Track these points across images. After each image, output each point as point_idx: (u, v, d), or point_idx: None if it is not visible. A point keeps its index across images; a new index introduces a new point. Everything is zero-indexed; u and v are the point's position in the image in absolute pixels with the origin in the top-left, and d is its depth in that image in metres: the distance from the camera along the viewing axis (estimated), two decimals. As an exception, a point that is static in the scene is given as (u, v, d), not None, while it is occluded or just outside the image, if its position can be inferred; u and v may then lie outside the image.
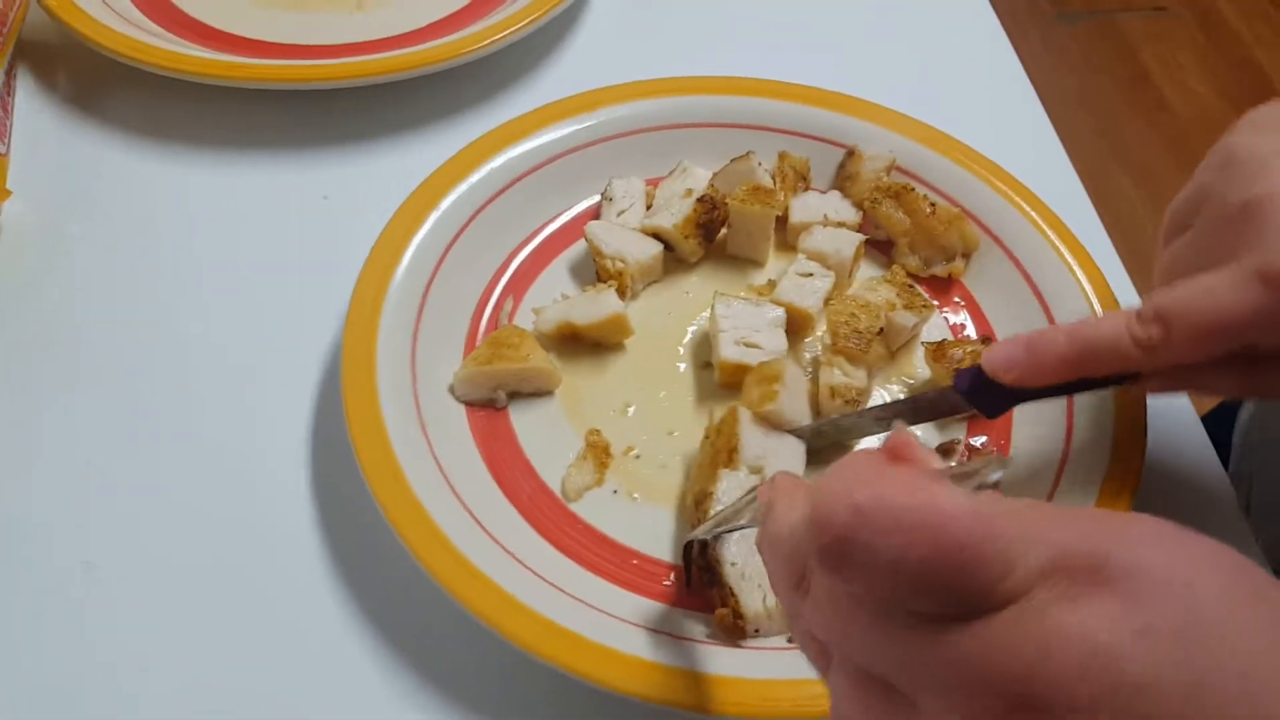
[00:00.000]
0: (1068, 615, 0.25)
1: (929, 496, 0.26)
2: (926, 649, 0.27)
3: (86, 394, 0.59)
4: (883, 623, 0.28)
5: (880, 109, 0.71)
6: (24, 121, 0.75)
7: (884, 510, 0.26)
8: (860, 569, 0.27)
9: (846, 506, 0.27)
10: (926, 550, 0.26)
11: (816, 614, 0.31)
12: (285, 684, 0.49)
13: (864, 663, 0.29)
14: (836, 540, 0.27)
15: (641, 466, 0.57)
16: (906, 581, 0.26)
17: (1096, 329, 0.46)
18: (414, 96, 0.77)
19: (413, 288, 0.60)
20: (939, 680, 0.27)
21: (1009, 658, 0.25)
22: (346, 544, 0.54)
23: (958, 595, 0.26)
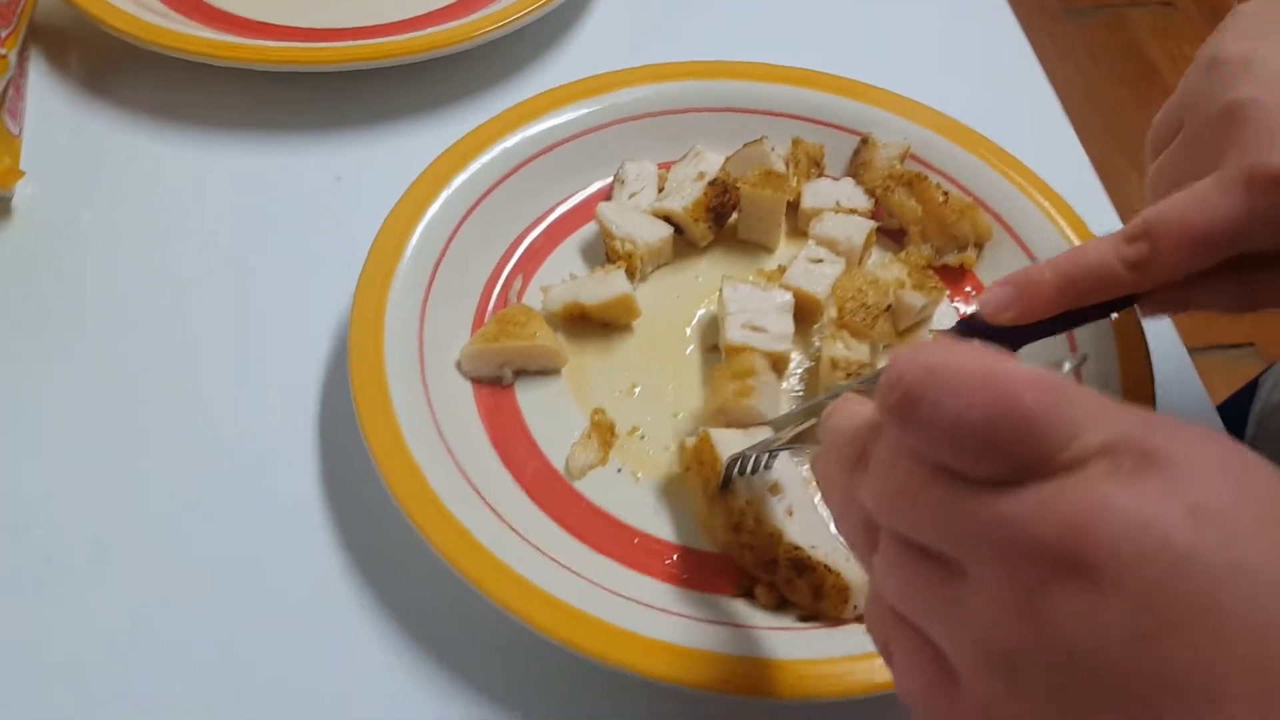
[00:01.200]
0: (1120, 488, 0.25)
1: (999, 362, 0.27)
2: (979, 511, 0.27)
3: (99, 373, 0.60)
4: (940, 484, 0.28)
5: (895, 96, 0.70)
6: (37, 103, 0.75)
7: (954, 370, 0.27)
8: (926, 425, 0.27)
9: (918, 364, 0.27)
10: (992, 411, 0.26)
11: (873, 483, 0.31)
12: (289, 655, 0.50)
13: (915, 531, 0.29)
14: (906, 395, 0.27)
15: (646, 447, 0.57)
16: (969, 440, 0.27)
17: (1083, 255, 0.45)
18: (427, 79, 0.77)
19: (422, 264, 0.60)
20: (988, 543, 0.27)
21: (1058, 522, 0.26)
22: (352, 517, 0.54)
23: (1017, 459, 0.26)
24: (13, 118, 0.69)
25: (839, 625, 0.49)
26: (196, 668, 0.49)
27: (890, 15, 0.88)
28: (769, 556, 0.49)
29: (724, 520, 0.51)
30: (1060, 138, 0.77)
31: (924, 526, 0.29)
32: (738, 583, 0.51)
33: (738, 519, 0.50)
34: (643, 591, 0.50)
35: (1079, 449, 0.26)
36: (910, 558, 0.30)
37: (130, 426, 0.57)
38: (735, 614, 0.49)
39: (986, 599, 0.27)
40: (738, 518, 0.50)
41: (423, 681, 0.49)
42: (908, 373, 0.27)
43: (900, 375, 0.27)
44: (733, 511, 0.50)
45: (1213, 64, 0.46)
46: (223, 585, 0.52)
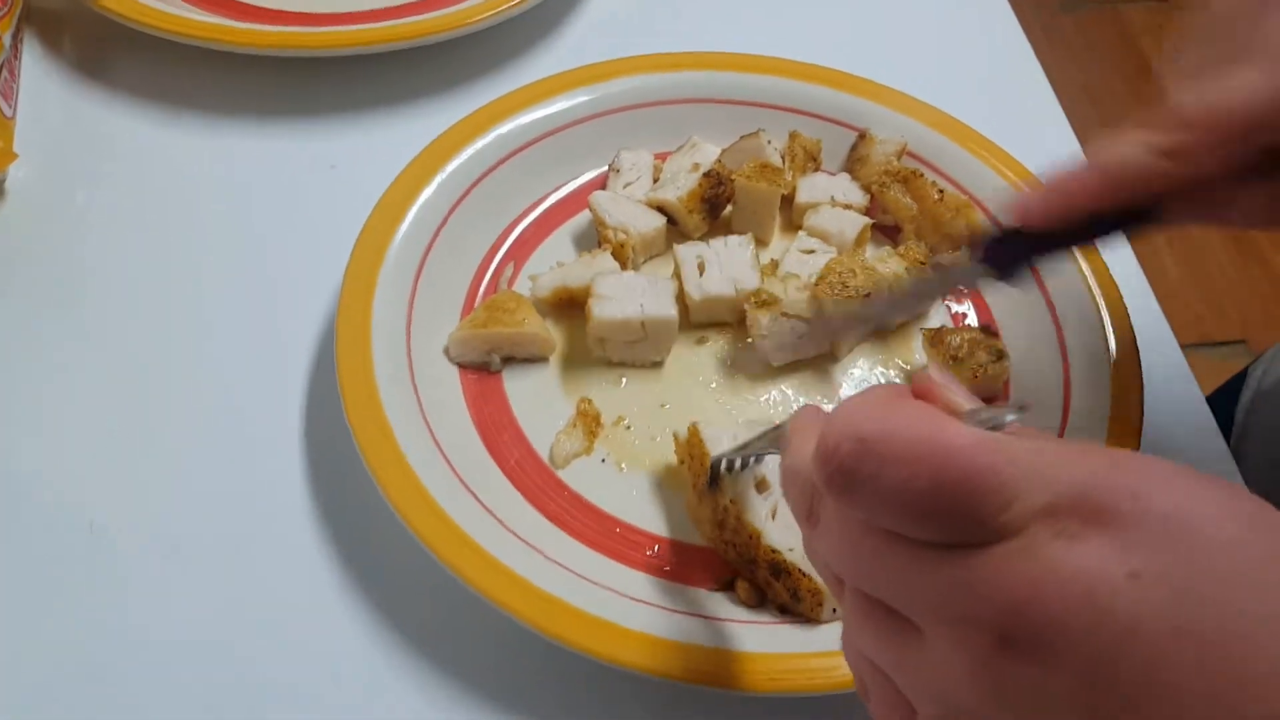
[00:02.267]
0: (1063, 553, 0.25)
1: (936, 429, 0.26)
2: (927, 576, 0.27)
3: (92, 356, 0.59)
4: (887, 550, 0.28)
5: (893, 92, 0.70)
6: (30, 86, 0.74)
7: (888, 441, 0.27)
8: (863, 497, 0.27)
9: (851, 436, 0.27)
10: (928, 482, 0.26)
11: (826, 542, 0.31)
12: (273, 637, 0.50)
13: (871, 589, 0.29)
14: (839, 470, 0.27)
15: (631, 437, 0.56)
16: (908, 511, 0.27)
17: (1118, 149, 0.42)
18: (423, 65, 0.76)
19: (413, 249, 0.60)
20: (938, 608, 0.27)
21: (1001, 591, 0.25)
22: (337, 500, 0.54)
23: (957, 526, 0.26)
24: (6, 100, 0.69)
25: (828, 622, 0.48)
26: (184, 649, 0.49)
27: (889, 9, 0.87)
28: (749, 555, 0.49)
29: (709, 516, 0.51)
30: (1058, 135, 0.77)
31: (880, 588, 0.29)
32: (718, 577, 0.51)
33: (721, 516, 0.50)
34: (623, 582, 0.50)
35: (1021, 511, 0.26)
36: (873, 612, 0.30)
37: (123, 408, 0.57)
38: (715, 608, 0.49)
39: (942, 660, 0.27)
40: (721, 515, 0.50)
41: (399, 665, 0.49)
42: (841, 444, 0.27)
43: (835, 447, 0.27)
44: (717, 508, 0.50)
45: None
46: (210, 565, 0.52)
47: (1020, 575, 0.25)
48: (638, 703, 0.48)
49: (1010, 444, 0.27)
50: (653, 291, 0.58)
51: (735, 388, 0.59)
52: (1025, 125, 0.75)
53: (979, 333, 0.59)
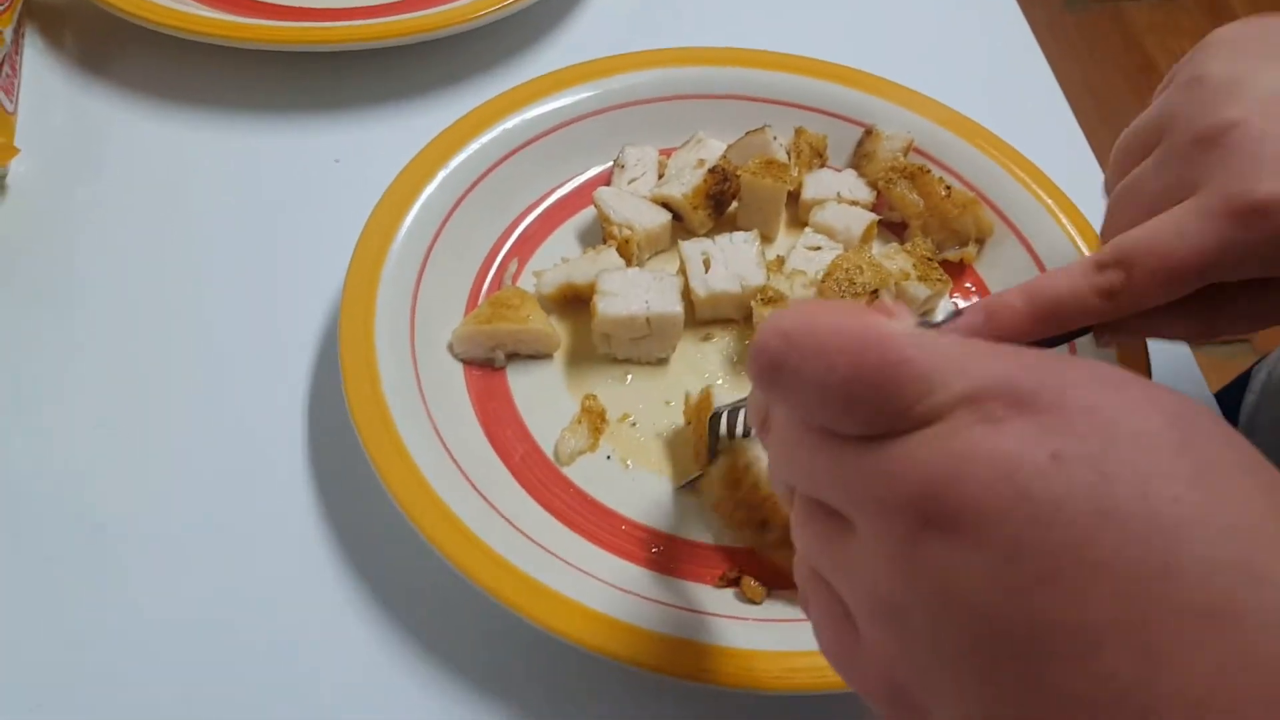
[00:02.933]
0: (983, 437, 0.25)
1: (858, 322, 0.27)
2: (852, 466, 0.27)
3: (95, 352, 0.59)
4: (819, 445, 0.29)
5: (900, 88, 0.69)
6: (32, 81, 0.74)
7: (811, 334, 0.27)
8: (788, 390, 0.28)
9: (776, 332, 0.28)
10: (846, 370, 0.27)
11: (773, 449, 0.32)
12: (279, 636, 0.49)
13: (810, 489, 0.30)
14: (767, 364, 0.28)
15: (636, 434, 0.56)
16: (829, 401, 0.27)
17: (1054, 284, 0.44)
18: (428, 61, 0.76)
19: (416, 244, 0.60)
20: (863, 498, 0.27)
21: (919, 473, 0.26)
22: (340, 497, 0.54)
23: (878, 415, 0.27)
24: (7, 95, 0.68)
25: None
26: (188, 645, 0.49)
27: (894, 4, 0.87)
28: (760, 517, 0.49)
29: (722, 476, 0.51)
30: (1064, 131, 0.77)
31: (813, 484, 0.30)
32: (723, 574, 0.50)
33: (737, 475, 0.50)
34: (628, 578, 0.49)
35: (942, 399, 0.26)
36: (812, 513, 0.30)
37: (125, 404, 0.57)
38: (720, 605, 0.49)
39: (869, 551, 0.27)
40: (738, 474, 0.50)
41: (402, 662, 0.48)
42: (769, 341, 0.28)
43: (764, 345, 0.28)
44: (735, 468, 0.50)
45: (1194, 83, 0.44)
46: (213, 562, 0.51)
47: (939, 457, 0.25)
48: (642, 699, 0.48)
49: (934, 337, 0.27)
50: (658, 288, 0.57)
51: (741, 384, 0.59)
52: (1031, 121, 0.74)
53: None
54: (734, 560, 0.51)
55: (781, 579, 0.50)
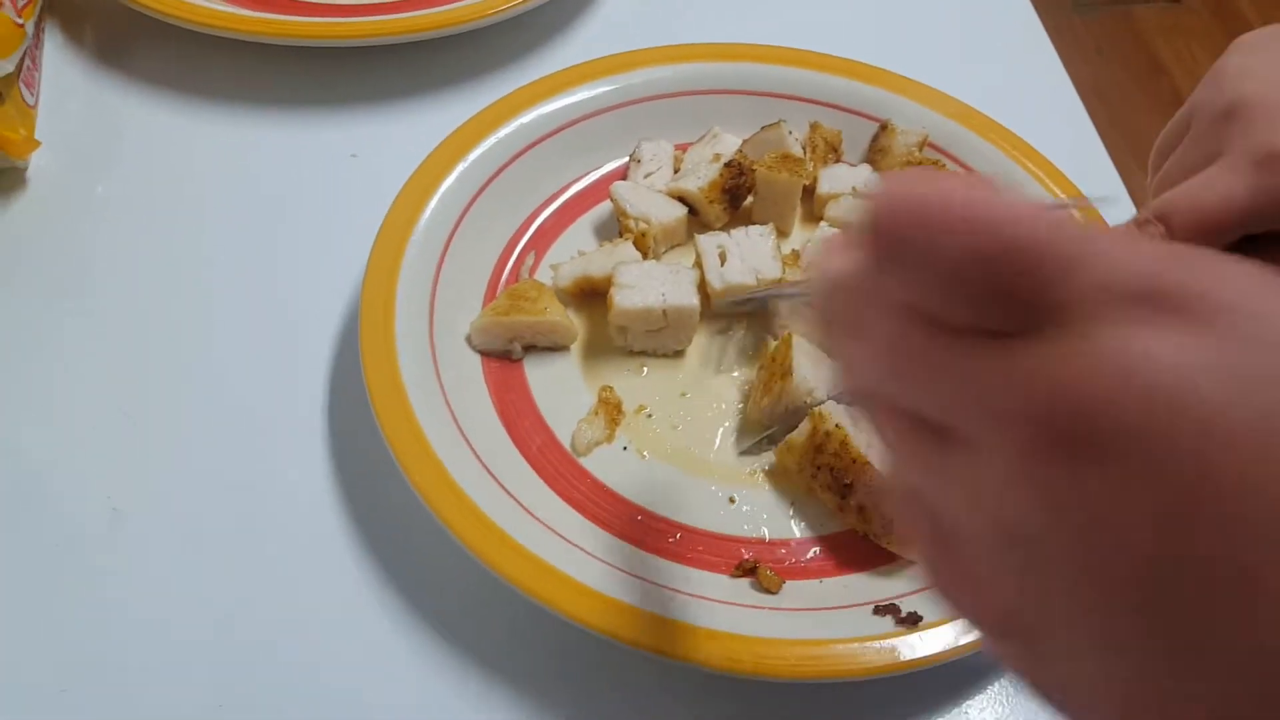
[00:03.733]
0: (1133, 340, 0.21)
1: (996, 197, 0.23)
2: (974, 366, 0.24)
3: (112, 343, 0.60)
4: (931, 344, 0.25)
5: (914, 84, 0.70)
6: (52, 74, 0.75)
7: (947, 204, 0.23)
8: (919, 263, 0.24)
9: (909, 196, 0.23)
10: (986, 245, 0.22)
11: (868, 351, 0.27)
12: (298, 627, 0.50)
13: (916, 399, 0.26)
14: (893, 232, 0.24)
15: (652, 425, 0.56)
16: (961, 279, 0.23)
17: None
18: (444, 56, 0.77)
19: (435, 237, 0.60)
20: (988, 408, 0.24)
21: (1066, 383, 0.22)
22: (359, 487, 0.54)
23: (1012, 300, 0.23)
24: (28, 88, 0.69)
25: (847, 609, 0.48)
26: (204, 632, 0.49)
27: (909, 1, 0.87)
28: (846, 480, 0.50)
29: (806, 438, 0.52)
30: (1076, 126, 0.77)
31: (922, 392, 0.26)
32: (739, 564, 0.51)
33: (821, 440, 0.51)
34: (646, 568, 0.50)
35: (1083, 288, 0.22)
36: (915, 429, 0.26)
37: (144, 395, 0.58)
38: (737, 594, 0.49)
39: (992, 471, 0.24)
40: (821, 439, 0.51)
41: (420, 648, 0.49)
42: (897, 207, 0.24)
43: (890, 211, 0.24)
44: (818, 432, 0.51)
45: (1214, 75, 0.48)
46: (231, 551, 0.52)
47: (1088, 363, 0.22)
48: (657, 687, 0.48)
49: (1075, 223, 0.23)
50: (674, 280, 0.58)
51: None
52: (1043, 116, 0.75)
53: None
54: (750, 550, 0.52)
55: (795, 569, 0.51)
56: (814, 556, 0.52)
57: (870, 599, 0.49)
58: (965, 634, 0.46)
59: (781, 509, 0.53)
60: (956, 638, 0.46)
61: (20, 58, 0.65)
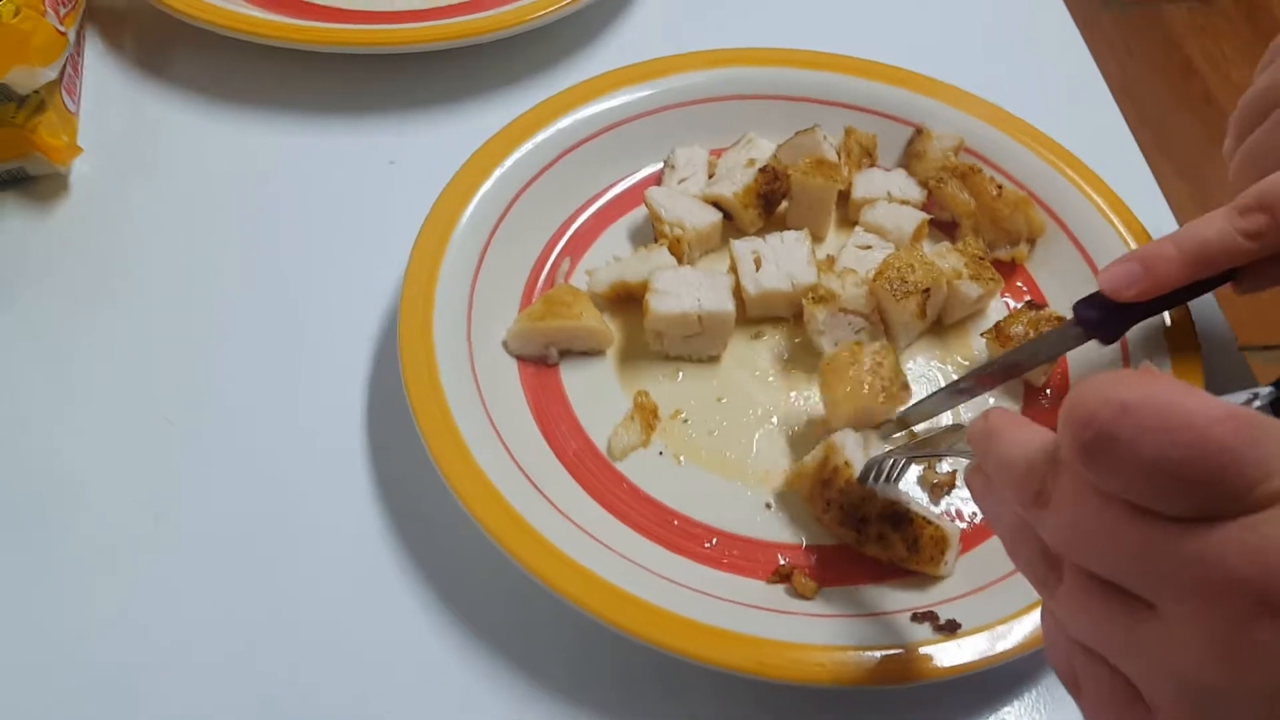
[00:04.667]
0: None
1: (1195, 399, 0.26)
2: (1173, 548, 0.27)
3: (156, 347, 0.61)
4: (1128, 523, 0.28)
5: (950, 88, 0.70)
6: (93, 81, 0.76)
7: (1150, 408, 0.26)
8: (1121, 464, 0.27)
9: (1112, 402, 0.27)
10: (1189, 449, 0.26)
11: (1057, 520, 0.31)
12: (338, 633, 0.50)
13: (1105, 568, 0.29)
14: (1099, 435, 0.27)
15: (688, 430, 0.57)
16: (1164, 479, 0.26)
17: (1203, 230, 0.49)
18: (481, 62, 0.77)
19: (472, 243, 0.61)
20: (1183, 581, 0.27)
21: (1256, 558, 0.25)
22: (398, 490, 0.55)
23: (1214, 496, 0.26)
24: (70, 95, 0.70)
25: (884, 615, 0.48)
26: (244, 636, 0.50)
27: (942, 4, 0.87)
28: (860, 514, 0.50)
29: (814, 475, 0.52)
30: (1113, 130, 0.77)
31: (1115, 564, 0.29)
32: (775, 569, 0.51)
33: (829, 475, 0.51)
34: (681, 573, 0.50)
35: (1277, 484, 0.26)
36: (1100, 594, 0.30)
37: (186, 398, 0.58)
38: (772, 600, 0.49)
39: (1185, 635, 0.27)
40: (829, 474, 0.51)
41: (459, 650, 0.50)
42: (1101, 410, 0.27)
43: (1093, 415, 0.27)
44: (826, 467, 0.51)
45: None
46: (272, 555, 0.52)
47: (1273, 542, 0.25)
48: (692, 691, 0.49)
49: (1265, 419, 0.27)
50: (709, 286, 0.58)
51: (792, 382, 0.59)
52: (1079, 119, 0.74)
53: (1032, 310, 0.59)
54: (786, 556, 0.52)
55: (831, 575, 0.51)
56: (851, 563, 0.52)
57: (908, 606, 0.49)
58: (1002, 641, 0.46)
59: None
60: (994, 645, 0.46)
61: (62, 65, 0.66)
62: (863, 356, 0.54)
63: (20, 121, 0.64)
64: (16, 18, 0.61)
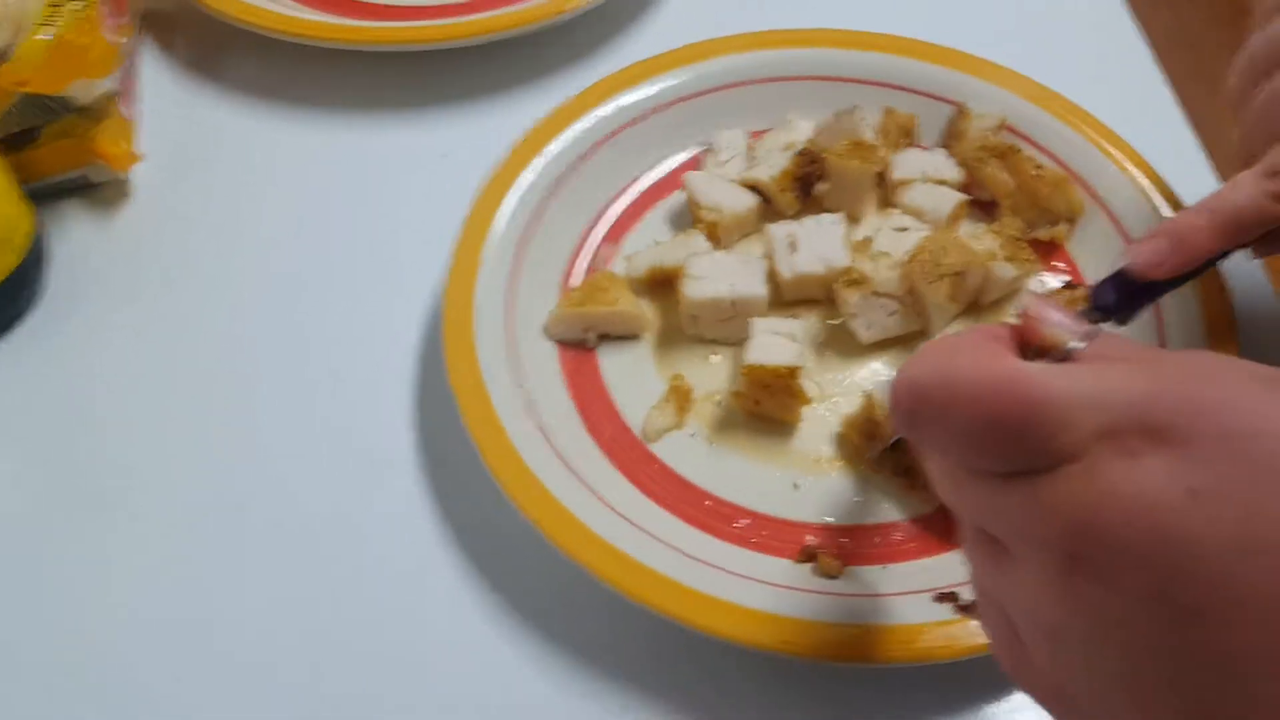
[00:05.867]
0: (1120, 472, 0.26)
1: (990, 368, 0.29)
2: (1002, 501, 0.29)
3: (218, 344, 0.63)
4: (968, 480, 0.30)
5: (990, 65, 0.69)
6: (148, 88, 0.78)
7: (940, 385, 0.29)
8: (929, 439, 0.30)
9: (907, 383, 0.30)
10: (981, 419, 0.28)
11: (936, 479, 0.33)
12: (384, 609, 0.53)
13: (971, 518, 0.32)
14: (905, 414, 0.30)
15: (721, 412, 0.58)
16: (971, 448, 0.29)
17: (1232, 198, 0.48)
18: (528, 51, 0.78)
19: (515, 229, 0.62)
20: (1016, 530, 0.29)
21: (1065, 512, 0.27)
22: (444, 478, 0.57)
23: (1019, 456, 0.28)
24: (127, 103, 0.73)
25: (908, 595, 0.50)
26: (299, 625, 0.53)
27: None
28: (905, 461, 0.53)
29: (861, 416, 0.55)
30: (1158, 103, 0.76)
31: (973, 514, 0.32)
32: (803, 548, 0.52)
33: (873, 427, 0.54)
34: (711, 552, 0.52)
35: (1079, 437, 0.27)
36: (977, 538, 0.32)
37: (252, 393, 0.61)
38: (798, 579, 0.51)
39: (1028, 578, 0.29)
40: (872, 426, 0.54)
41: (504, 632, 0.52)
42: (901, 394, 0.30)
43: (897, 397, 0.30)
44: (871, 418, 0.54)
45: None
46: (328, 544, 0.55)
47: (1081, 495, 0.26)
48: (716, 668, 0.50)
49: (1069, 371, 0.28)
50: (744, 271, 0.59)
51: (826, 364, 0.60)
52: (1123, 92, 0.74)
53: (1069, 291, 0.59)
54: (814, 535, 0.53)
55: (857, 555, 0.52)
56: (878, 543, 0.53)
57: (932, 586, 0.50)
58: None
59: (846, 495, 0.55)
60: (1014, 626, 0.47)
61: (120, 74, 0.69)
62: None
63: (81, 132, 0.67)
64: (74, 32, 0.64)
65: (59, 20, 0.64)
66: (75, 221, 0.70)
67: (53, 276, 0.66)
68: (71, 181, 0.70)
